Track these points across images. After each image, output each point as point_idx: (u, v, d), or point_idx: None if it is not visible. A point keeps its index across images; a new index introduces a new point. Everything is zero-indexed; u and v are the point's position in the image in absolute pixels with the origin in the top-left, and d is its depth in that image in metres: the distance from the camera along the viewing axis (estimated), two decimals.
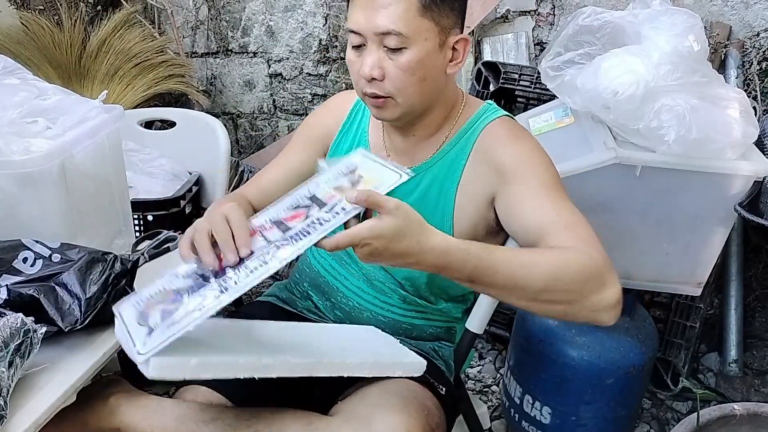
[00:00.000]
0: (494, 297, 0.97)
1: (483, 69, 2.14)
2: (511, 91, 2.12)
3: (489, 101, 1.26)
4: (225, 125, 1.81)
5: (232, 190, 2.37)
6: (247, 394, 1.15)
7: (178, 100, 2.70)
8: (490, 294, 1.01)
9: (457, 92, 1.23)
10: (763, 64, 2.04)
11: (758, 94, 2.00)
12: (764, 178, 1.55)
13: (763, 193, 1.56)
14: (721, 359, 2.05)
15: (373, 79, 1.10)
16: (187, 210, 1.68)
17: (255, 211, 1.30)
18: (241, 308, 1.44)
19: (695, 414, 1.54)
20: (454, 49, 1.14)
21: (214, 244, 0.92)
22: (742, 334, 2.02)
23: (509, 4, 2.31)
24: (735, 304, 2.01)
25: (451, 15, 1.11)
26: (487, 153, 1.17)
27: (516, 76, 2.08)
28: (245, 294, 0.95)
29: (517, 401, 1.77)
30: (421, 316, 1.28)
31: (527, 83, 2.07)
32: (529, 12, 2.32)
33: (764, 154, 1.59)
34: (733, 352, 2.02)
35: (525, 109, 2.09)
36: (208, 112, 2.11)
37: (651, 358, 1.71)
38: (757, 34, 2.09)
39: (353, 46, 1.13)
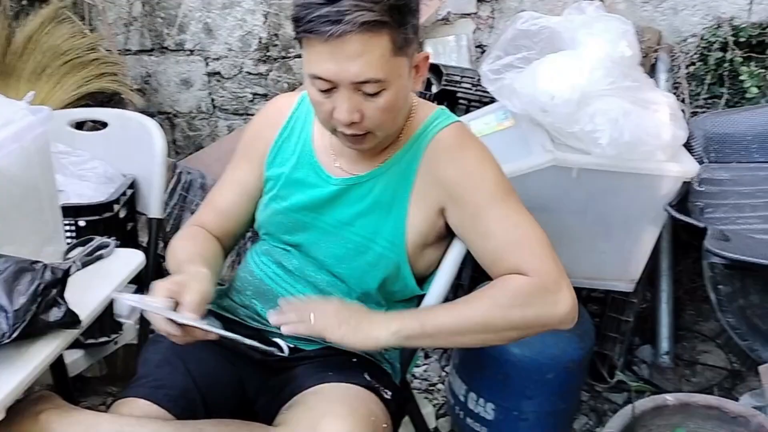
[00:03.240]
0: (449, 343, 1.21)
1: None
2: (453, 93, 2.14)
3: (442, 107, 1.27)
4: (161, 125, 1.76)
5: (170, 193, 2.31)
6: (187, 406, 1.13)
7: (111, 99, 2.61)
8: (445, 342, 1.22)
9: (410, 98, 1.24)
10: (691, 68, 2.12)
11: (686, 97, 2.09)
12: (692, 179, 1.62)
13: (691, 193, 1.63)
14: (654, 351, 2.12)
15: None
16: (122, 215, 1.62)
17: (219, 239, 1.33)
18: None
19: (630, 405, 1.59)
20: (416, 66, 1.14)
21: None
22: (673, 327, 2.10)
23: (450, 6, 2.33)
24: (666, 299, 2.09)
25: (416, 39, 1.11)
26: (437, 165, 1.19)
27: (458, 79, 2.10)
28: None
29: (462, 399, 1.79)
30: None
31: (469, 85, 2.09)
32: (469, 14, 2.35)
33: (692, 156, 1.66)
34: (664, 345, 2.09)
35: (467, 111, 2.11)
36: (142, 112, 2.04)
37: (588, 353, 1.76)
38: (685, 40, 2.18)
39: (319, 90, 1.08)
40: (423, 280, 1.28)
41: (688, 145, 1.69)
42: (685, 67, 2.10)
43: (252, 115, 2.63)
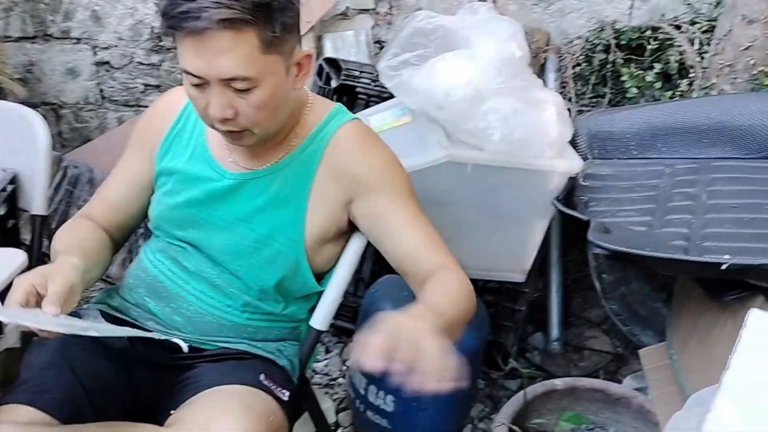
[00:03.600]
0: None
1: (324, 65, 2.15)
2: (353, 88, 2.15)
3: (339, 104, 1.28)
4: (45, 117, 1.67)
5: (55, 188, 2.20)
6: (74, 411, 1.09)
7: None
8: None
9: (301, 93, 1.23)
10: (577, 69, 2.24)
11: (573, 96, 2.19)
12: (577, 175, 1.71)
13: (577, 187, 1.72)
14: (545, 338, 2.22)
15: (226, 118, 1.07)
16: (1, 212, 1.53)
17: (107, 232, 1.27)
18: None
19: (523, 391, 1.67)
20: (298, 64, 1.14)
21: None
22: (563, 315, 2.21)
23: (348, 1, 2.34)
24: (556, 288, 2.19)
25: (291, 39, 1.10)
26: (340, 161, 1.19)
27: (357, 74, 2.11)
28: None
29: (362, 392, 1.80)
30: (267, 318, 1.27)
31: (368, 81, 2.10)
32: (368, 10, 2.37)
33: (578, 153, 1.75)
34: (555, 331, 2.19)
35: (366, 106, 2.13)
36: (24, 103, 1.93)
37: (484, 342, 1.82)
38: (572, 41, 2.29)
39: (192, 84, 1.08)
40: (321, 276, 1.28)
41: (573, 142, 1.78)
42: (572, 67, 2.21)
43: (144, 106, 2.55)
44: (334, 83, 2.12)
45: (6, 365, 1.76)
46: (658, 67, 2.15)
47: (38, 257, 1.54)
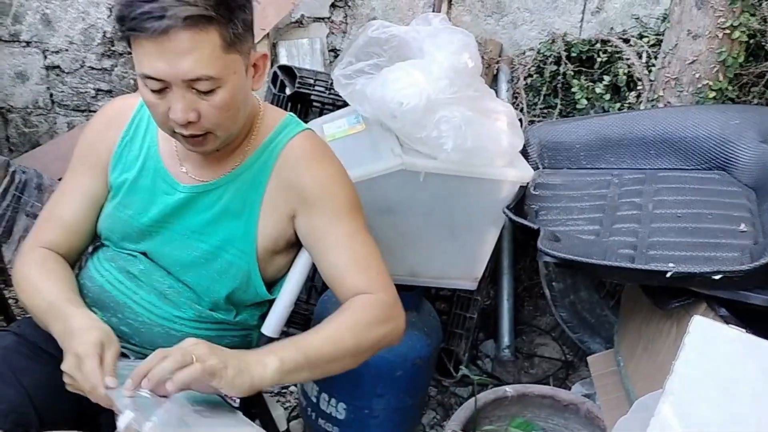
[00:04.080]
0: (322, 374, 1.13)
1: (279, 72, 2.14)
2: (308, 96, 2.15)
3: (290, 113, 1.28)
4: None
5: (2, 193, 2.14)
6: (19, 421, 1.07)
7: None
8: (321, 372, 1.12)
9: (254, 100, 1.23)
10: (528, 80, 2.28)
11: (524, 106, 2.24)
12: (528, 184, 1.74)
13: (527, 196, 1.75)
14: (497, 345, 2.25)
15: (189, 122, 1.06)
16: None
17: (66, 258, 1.24)
18: (12, 325, 1.30)
19: (474, 398, 1.68)
20: (254, 65, 1.14)
21: None
22: (514, 322, 2.24)
23: (304, 9, 2.35)
24: (507, 295, 2.22)
25: (249, 38, 1.10)
26: (288, 173, 1.19)
27: (311, 81, 2.12)
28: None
29: (314, 400, 1.80)
30: (218, 327, 1.25)
31: (322, 89, 2.11)
32: (323, 19, 2.37)
33: (528, 162, 1.78)
34: (506, 339, 2.22)
35: (321, 114, 2.13)
36: None
37: (436, 349, 1.83)
38: (524, 53, 2.34)
39: (152, 90, 1.05)
40: (273, 283, 1.27)
41: (524, 152, 1.81)
42: (524, 78, 2.26)
43: (95, 111, 2.50)
44: (288, 91, 2.12)
45: None
46: (607, 79, 2.21)
47: None
